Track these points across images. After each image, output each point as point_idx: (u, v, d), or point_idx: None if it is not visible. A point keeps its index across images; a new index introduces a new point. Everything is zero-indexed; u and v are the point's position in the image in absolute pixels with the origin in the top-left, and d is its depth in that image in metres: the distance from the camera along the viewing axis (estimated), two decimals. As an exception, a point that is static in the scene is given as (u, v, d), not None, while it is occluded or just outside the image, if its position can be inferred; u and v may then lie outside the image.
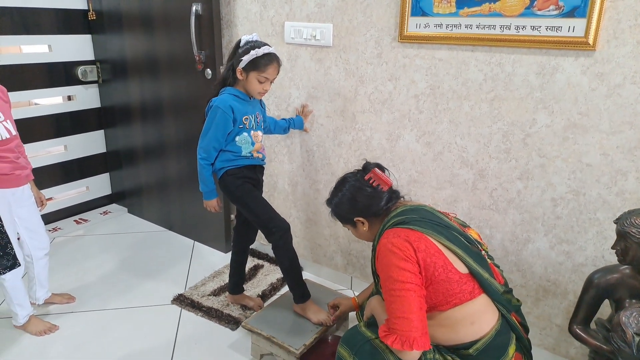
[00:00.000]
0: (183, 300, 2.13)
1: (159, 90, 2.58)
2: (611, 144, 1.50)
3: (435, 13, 1.68)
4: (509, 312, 1.27)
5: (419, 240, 1.19)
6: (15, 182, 1.75)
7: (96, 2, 2.74)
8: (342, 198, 1.41)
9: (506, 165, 1.71)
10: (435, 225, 1.25)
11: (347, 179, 1.43)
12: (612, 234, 1.56)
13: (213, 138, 1.73)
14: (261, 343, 1.75)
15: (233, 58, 1.74)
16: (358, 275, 2.27)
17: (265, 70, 1.69)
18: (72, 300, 2.12)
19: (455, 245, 1.22)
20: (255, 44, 1.70)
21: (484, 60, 1.65)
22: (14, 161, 1.73)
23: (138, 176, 2.95)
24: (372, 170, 1.39)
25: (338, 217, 1.46)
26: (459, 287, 1.18)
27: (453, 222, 1.34)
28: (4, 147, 1.69)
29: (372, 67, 1.91)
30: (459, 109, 1.75)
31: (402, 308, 1.13)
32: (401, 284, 1.14)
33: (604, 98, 1.48)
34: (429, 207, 1.37)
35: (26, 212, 1.84)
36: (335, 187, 1.46)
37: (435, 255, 1.18)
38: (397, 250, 1.17)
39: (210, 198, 1.85)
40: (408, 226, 1.23)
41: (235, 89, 1.75)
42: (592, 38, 1.43)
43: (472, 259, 1.22)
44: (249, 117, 1.78)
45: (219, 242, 2.60)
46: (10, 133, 1.70)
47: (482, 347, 1.20)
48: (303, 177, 2.29)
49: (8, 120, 1.72)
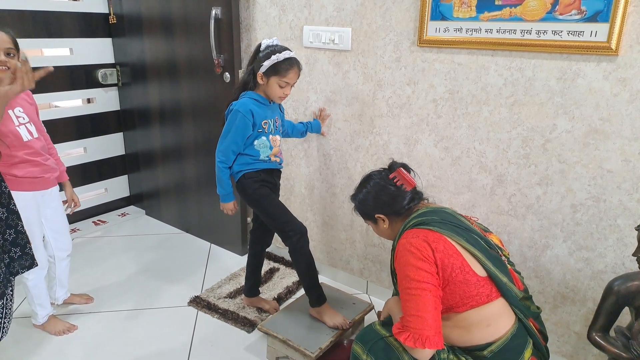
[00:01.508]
0: (199, 302, 2.15)
1: (178, 94, 2.61)
2: (633, 150, 1.49)
3: (455, 17, 1.68)
4: (527, 318, 1.26)
5: (437, 241, 1.20)
6: (45, 184, 1.79)
7: (117, 6, 2.79)
8: (366, 195, 1.43)
9: (525, 170, 1.70)
10: (455, 227, 1.26)
11: (372, 177, 1.46)
12: (632, 240, 1.54)
13: (232, 141, 1.75)
14: (277, 346, 1.76)
15: (253, 62, 1.75)
16: (374, 280, 2.27)
17: (286, 74, 1.70)
18: (90, 301, 2.15)
19: (475, 248, 1.23)
20: (276, 48, 1.71)
21: (504, 65, 1.65)
22: (42, 163, 1.76)
23: (156, 178, 2.99)
24: (398, 169, 1.41)
25: (360, 213, 1.49)
26: (476, 290, 1.18)
27: (474, 226, 1.34)
28: (31, 149, 1.72)
29: (390, 71, 1.91)
30: (478, 114, 1.75)
31: (416, 306, 1.14)
32: (417, 283, 1.15)
33: (626, 104, 1.47)
34: (451, 210, 1.38)
35: (52, 214, 1.87)
36: (360, 183, 1.49)
37: (454, 257, 1.18)
38: (415, 250, 1.18)
39: (227, 201, 1.86)
40: (427, 227, 1.24)
41: (255, 93, 1.77)
42: (614, 43, 1.42)
43: (491, 262, 1.22)
44: (268, 122, 1.79)
45: (235, 245, 2.62)
46: (33, 135, 1.73)
47: (497, 350, 1.19)
48: (320, 180, 2.30)
49: (32, 122, 1.75)
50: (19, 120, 1.69)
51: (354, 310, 1.90)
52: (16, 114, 1.69)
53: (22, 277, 1.83)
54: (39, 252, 1.80)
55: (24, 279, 1.83)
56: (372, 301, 2.19)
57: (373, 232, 2.16)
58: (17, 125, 1.68)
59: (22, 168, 1.70)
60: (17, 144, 1.67)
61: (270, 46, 1.72)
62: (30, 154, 1.72)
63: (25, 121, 1.72)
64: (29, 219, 1.73)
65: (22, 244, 1.44)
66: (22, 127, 1.70)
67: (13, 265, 1.42)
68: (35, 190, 1.75)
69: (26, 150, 1.70)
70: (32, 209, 1.75)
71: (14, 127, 1.67)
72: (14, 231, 1.41)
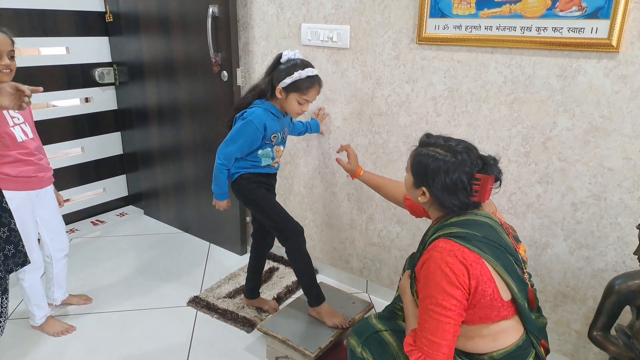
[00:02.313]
0: (199, 302, 2.14)
1: (176, 92, 2.60)
2: (634, 148, 1.47)
3: (455, 14, 1.67)
4: (539, 342, 1.22)
5: (475, 264, 1.09)
6: (39, 183, 1.78)
7: (113, 4, 2.77)
8: (437, 161, 1.17)
9: (525, 169, 1.69)
10: (494, 248, 1.14)
11: (465, 153, 1.17)
12: (633, 239, 1.54)
13: (238, 149, 1.73)
14: (276, 346, 1.75)
15: (272, 72, 1.71)
16: (374, 279, 2.26)
17: (307, 92, 1.67)
18: (89, 301, 2.14)
19: (508, 273, 1.14)
20: (298, 63, 1.66)
21: (504, 62, 1.63)
22: (36, 163, 1.75)
23: (154, 178, 2.97)
24: (489, 176, 1.17)
25: (412, 163, 1.24)
26: (497, 312, 1.14)
27: (510, 238, 1.23)
28: (26, 149, 1.71)
29: (389, 69, 1.90)
30: (477, 112, 1.74)
31: (436, 332, 1.08)
32: (443, 309, 1.08)
33: (627, 101, 1.45)
34: (493, 221, 1.21)
35: (47, 214, 1.86)
36: (449, 147, 1.19)
37: (487, 283, 1.10)
38: (450, 273, 1.07)
39: (221, 199, 1.86)
40: (468, 245, 1.11)
41: (272, 105, 1.73)
42: (615, 39, 1.41)
43: (518, 288, 1.15)
44: (277, 135, 1.78)
45: (234, 244, 2.61)
46: (28, 136, 1.73)
47: (498, 357, 1.17)
48: (319, 179, 2.29)
49: (27, 123, 1.75)
50: (14, 121, 1.69)
51: (353, 310, 1.89)
52: (11, 114, 1.68)
53: (18, 277, 1.82)
54: (34, 252, 1.80)
55: (19, 280, 1.82)
56: (371, 300, 2.19)
57: (372, 231, 2.17)
58: (11, 125, 1.67)
59: (15, 167, 1.69)
60: (11, 144, 1.67)
61: (292, 60, 1.67)
62: (25, 154, 1.71)
63: (19, 122, 1.71)
64: (24, 219, 1.72)
65: (15, 241, 1.44)
66: (16, 128, 1.69)
67: (7, 263, 1.41)
68: (29, 189, 1.74)
69: (20, 150, 1.70)
70: (26, 208, 1.74)
71: (8, 128, 1.66)
72: (7, 229, 1.41)
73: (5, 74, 1.59)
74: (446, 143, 1.20)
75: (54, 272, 1.99)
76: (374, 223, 2.16)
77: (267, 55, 2.27)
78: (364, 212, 2.18)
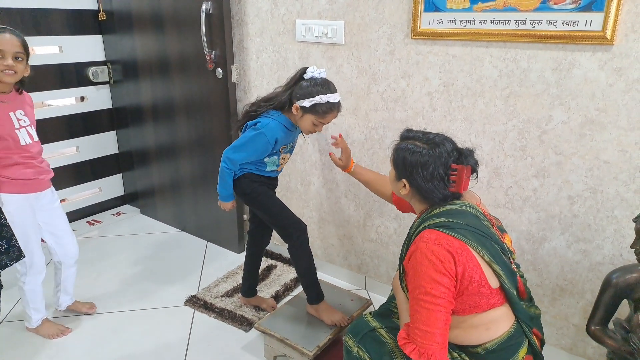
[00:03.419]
0: (196, 301, 2.14)
1: (170, 90, 2.58)
2: (629, 141, 1.47)
3: (449, 8, 1.66)
4: (531, 330, 1.23)
5: (460, 251, 1.12)
6: (38, 186, 1.76)
7: (106, 3, 2.75)
8: (414, 154, 1.22)
9: (522, 163, 1.68)
10: (479, 235, 1.17)
11: (441, 145, 1.21)
12: (630, 232, 1.54)
13: (245, 157, 1.72)
14: (274, 344, 1.75)
15: (293, 86, 1.67)
16: (372, 275, 2.26)
17: (324, 117, 1.64)
18: (93, 309, 2.09)
19: (494, 259, 1.16)
20: (322, 85, 1.62)
21: (499, 56, 1.63)
22: (37, 166, 1.74)
23: (151, 177, 2.96)
24: (465, 167, 1.21)
25: (393, 157, 1.29)
26: (486, 300, 1.15)
27: (495, 228, 1.26)
28: (27, 153, 1.70)
29: (384, 65, 1.89)
30: (473, 106, 1.73)
31: (427, 321, 1.09)
32: (432, 297, 1.09)
33: (622, 93, 1.45)
34: (476, 211, 1.25)
35: (48, 217, 1.84)
36: (426, 135, 1.25)
37: (473, 269, 1.12)
38: (436, 261, 1.10)
39: (227, 200, 1.84)
40: (452, 233, 1.14)
41: (286, 119, 1.70)
42: (609, 32, 1.40)
43: (505, 275, 1.17)
44: (286, 146, 1.77)
45: (232, 243, 2.61)
46: (33, 139, 1.72)
47: (492, 348, 1.18)
48: (316, 176, 2.28)
49: (32, 125, 1.74)
50: (20, 123, 1.68)
51: (352, 307, 1.89)
52: (17, 116, 1.67)
53: (19, 280, 1.82)
54: (35, 256, 1.79)
55: (20, 282, 1.82)
56: (370, 297, 2.18)
57: (370, 227, 2.16)
58: (17, 128, 1.66)
59: (15, 170, 1.68)
60: (13, 147, 1.65)
61: (314, 79, 1.63)
62: (26, 157, 1.69)
63: (26, 124, 1.70)
64: (24, 222, 1.71)
65: (7, 236, 1.43)
66: (22, 130, 1.68)
67: (1, 259, 1.41)
68: (28, 192, 1.73)
69: (22, 154, 1.68)
70: (26, 211, 1.73)
71: (14, 130, 1.65)
72: None
73: (7, 75, 1.58)
74: (424, 136, 1.25)
75: (62, 277, 1.98)
76: (372, 219, 2.16)
77: (262, 51, 2.25)
78: (361, 208, 2.18)
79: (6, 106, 1.64)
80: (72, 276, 2.01)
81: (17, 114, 1.67)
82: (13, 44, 1.56)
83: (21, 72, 1.62)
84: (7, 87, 1.65)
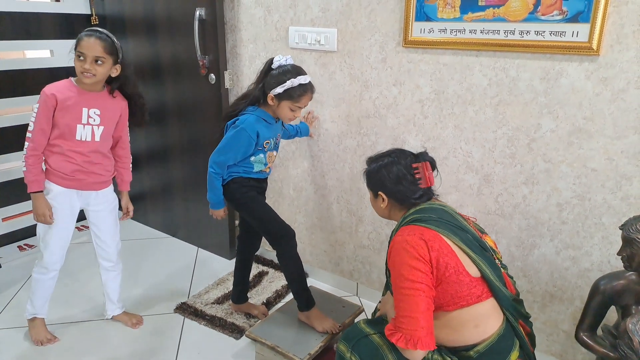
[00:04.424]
0: (186, 308, 2.12)
1: (163, 95, 2.58)
2: (616, 149, 1.50)
3: (440, 18, 1.68)
4: (516, 320, 1.26)
5: (433, 239, 1.18)
6: (79, 184, 1.76)
7: (99, 7, 2.74)
8: (380, 168, 1.36)
9: (511, 170, 1.70)
10: (451, 226, 1.24)
11: (395, 155, 1.37)
12: (617, 238, 1.55)
13: (231, 157, 1.72)
14: (265, 352, 1.74)
15: (264, 79, 1.70)
16: (364, 282, 2.26)
17: (299, 100, 1.67)
18: (139, 324, 2.03)
19: (470, 248, 1.22)
20: (290, 70, 1.65)
21: (489, 65, 1.65)
22: (81, 165, 1.73)
23: (141, 182, 2.94)
24: (424, 162, 1.34)
25: (367, 180, 1.42)
26: (468, 290, 1.18)
27: (472, 226, 1.32)
28: (79, 148, 1.70)
29: (376, 72, 1.91)
30: (463, 114, 1.75)
31: (409, 307, 1.13)
32: (411, 283, 1.14)
33: (608, 103, 1.48)
34: (450, 209, 1.35)
35: (94, 217, 1.87)
36: (383, 153, 1.41)
37: (448, 256, 1.17)
38: (410, 249, 1.16)
39: (218, 208, 1.84)
40: (424, 224, 1.23)
41: (264, 112, 1.72)
42: (595, 43, 1.43)
43: (484, 263, 1.22)
44: (270, 141, 1.77)
45: (223, 248, 2.59)
46: (94, 138, 1.72)
47: (483, 350, 1.19)
48: (308, 182, 2.29)
49: (102, 127, 1.74)
50: (89, 120, 1.70)
51: (343, 314, 1.88)
52: (90, 114, 1.70)
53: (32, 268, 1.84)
54: (48, 250, 1.79)
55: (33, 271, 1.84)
56: (362, 303, 2.18)
57: (362, 233, 2.17)
58: (82, 123, 1.69)
59: (57, 161, 1.70)
60: (68, 137, 1.68)
61: (283, 66, 1.66)
62: (75, 152, 1.70)
63: (95, 123, 1.72)
64: (57, 213, 1.74)
65: None
66: (87, 127, 1.70)
67: None
68: (65, 187, 1.74)
69: (73, 148, 1.70)
70: (62, 203, 1.75)
71: (74, 123, 1.67)
72: None
73: (86, 77, 1.62)
74: (380, 157, 1.40)
75: (102, 280, 1.99)
76: (364, 225, 2.17)
77: (255, 58, 2.26)
78: (353, 214, 2.18)
79: (84, 100, 1.68)
80: (113, 282, 2.00)
81: (90, 111, 1.69)
82: (94, 48, 1.61)
83: (102, 74, 1.66)
84: (95, 86, 1.70)
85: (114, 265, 1.98)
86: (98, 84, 1.70)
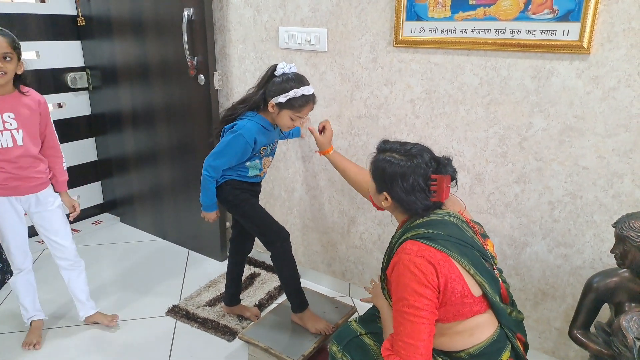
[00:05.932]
0: (178, 311, 2.10)
1: (151, 97, 2.55)
2: (607, 147, 1.51)
3: (430, 17, 1.68)
4: (514, 335, 1.24)
5: (442, 263, 1.11)
6: (14, 191, 1.71)
7: (85, 8, 2.70)
8: (393, 165, 1.21)
9: (503, 169, 1.70)
10: (461, 245, 1.17)
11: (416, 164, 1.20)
12: (609, 236, 1.57)
13: (227, 162, 1.70)
14: (258, 354, 1.72)
15: (265, 85, 1.67)
16: (357, 282, 2.25)
17: (300, 110, 1.64)
18: (114, 322, 2.01)
19: (476, 269, 1.16)
20: (295, 80, 1.62)
21: (480, 65, 1.65)
22: (10, 172, 1.68)
23: (130, 184, 2.91)
24: (444, 176, 1.20)
25: (372, 170, 1.28)
26: (470, 308, 1.15)
27: (478, 236, 1.26)
28: (1, 156, 1.65)
29: (367, 72, 1.90)
30: (455, 114, 1.75)
31: (411, 334, 1.09)
32: (415, 310, 1.09)
33: (599, 101, 1.48)
34: (458, 220, 1.24)
35: (39, 219, 1.81)
36: (403, 146, 1.24)
37: (456, 281, 1.12)
38: (419, 274, 1.09)
39: (210, 210, 1.81)
40: (434, 244, 1.14)
41: (263, 118, 1.69)
42: (586, 41, 1.44)
43: (486, 281, 1.18)
44: (267, 147, 1.75)
45: (214, 250, 2.57)
46: (16, 143, 1.66)
47: (475, 352, 1.19)
48: (299, 183, 2.27)
49: (23, 130, 1.68)
50: (5, 126, 1.64)
51: (336, 314, 1.88)
52: (4, 119, 1.64)
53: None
54: (17, 257, 1.78)
55: None
56: (354, 304, 2.18)
57: (354, 233, 2.16)
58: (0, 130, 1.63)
59: None
60: None
61: (286, 75, 1.63)
62: (1, 161, 1.65)
63: (12, 127, 1.65)
64: (4, 221, 1.71)
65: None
66: (5, 133, 1.64)
67: None
68: (2, 195, 1.69)
69: None
70: (6, 211, 1.72)
71: None
72: None
73: None
74: (402, 147, 1.24)
75: (65, 282, 1.95)
76: (356, 225, 2.16)
77: (245, 58, 2.24)
78: (345, 214, 2.17)
79: None
80: (76, 281, 1.95)
81: (4, 116, 1.63)
82: (0, 45, 1.53)
83: (11, 71, 1.60)
84: (4, 88, 1.63)
85: (72, 263, 1.93)
86: (7, 85, 1.63)
